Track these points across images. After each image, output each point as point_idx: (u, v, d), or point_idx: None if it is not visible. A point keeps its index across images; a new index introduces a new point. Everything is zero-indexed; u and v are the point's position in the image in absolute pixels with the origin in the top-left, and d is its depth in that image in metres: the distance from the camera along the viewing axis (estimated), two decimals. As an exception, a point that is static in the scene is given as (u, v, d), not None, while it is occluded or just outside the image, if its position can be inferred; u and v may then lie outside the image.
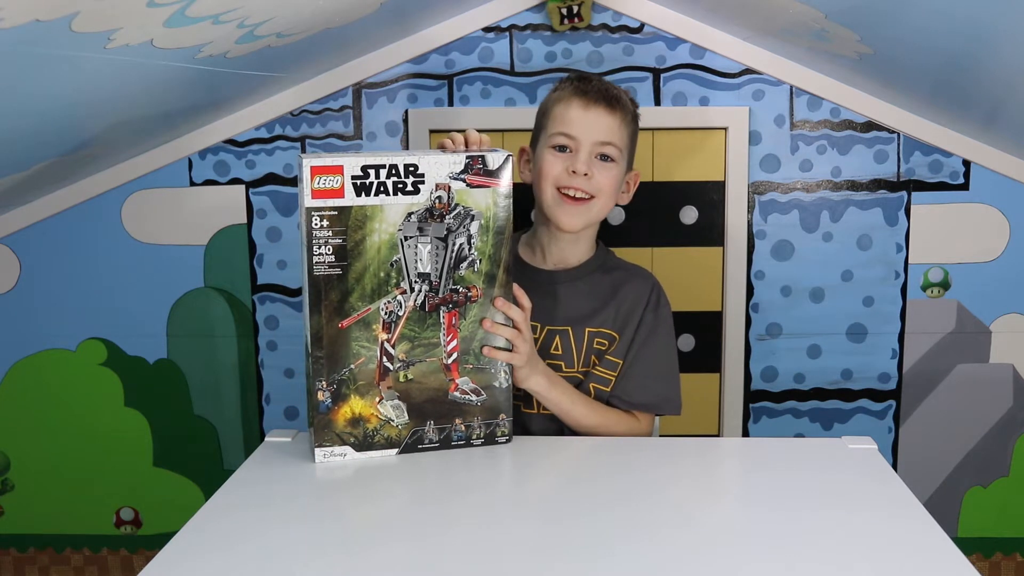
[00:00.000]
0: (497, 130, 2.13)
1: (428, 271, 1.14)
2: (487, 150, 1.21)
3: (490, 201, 1.17)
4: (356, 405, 1.14)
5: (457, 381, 1.18)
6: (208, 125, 2.15)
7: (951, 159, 2.11)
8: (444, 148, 1.29)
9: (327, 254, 1.09)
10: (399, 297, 1.13)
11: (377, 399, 1.14)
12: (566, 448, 1.24)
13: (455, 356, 1.17)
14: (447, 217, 1.14)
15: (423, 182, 1.12)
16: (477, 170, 1.15)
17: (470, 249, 1.16)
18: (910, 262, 2.15)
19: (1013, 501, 2.23)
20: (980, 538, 2.25)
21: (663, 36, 2.08)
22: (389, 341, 1.14)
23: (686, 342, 2.21)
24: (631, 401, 1.39)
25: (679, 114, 2.11)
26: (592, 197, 1.38)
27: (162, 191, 2.19)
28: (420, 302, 1.15)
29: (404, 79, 2.13)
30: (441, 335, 1.17)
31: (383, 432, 1.15)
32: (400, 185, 1.10)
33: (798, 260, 2.16)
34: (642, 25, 2.08)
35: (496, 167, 1.16)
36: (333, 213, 1.09)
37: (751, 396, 2.22)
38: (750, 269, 2.17)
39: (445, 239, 1.14)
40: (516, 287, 1.22)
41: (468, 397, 1.19)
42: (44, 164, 1.88)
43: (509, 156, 1.18)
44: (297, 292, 2.22)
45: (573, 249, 1.48)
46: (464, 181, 1.14)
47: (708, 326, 2.20)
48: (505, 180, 1.18)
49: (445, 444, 1.18)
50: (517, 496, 1.07)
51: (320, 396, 1.12)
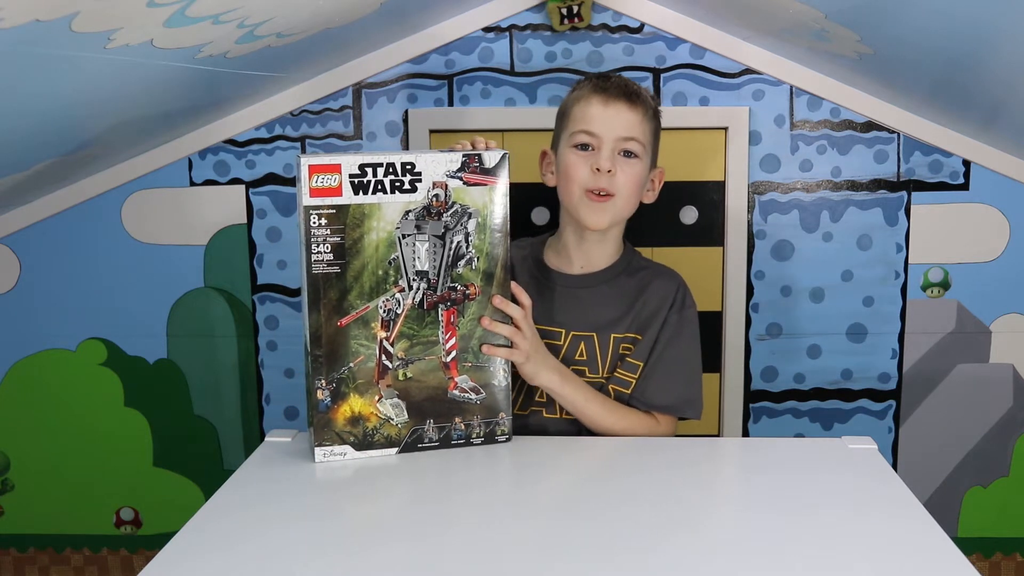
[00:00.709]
0: (497, 130, 2.14)
1: (426, 269, 1.14)
2: (483, 149, 1.21)
3: (487, 199, 1.17)
4: (355, 404, 1.14)
5: (456, 379, 1.18)
6: (208, 125, 2.15)
7: (951, 159, 2.11)
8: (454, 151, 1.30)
9: (325, 252, 1.10)
10: (397, 295, 1.14)
11: (376, 398, 1.15)
12: (566, 448, 1.24)
13: (454, 354, 1.17)
14: (444, 215, 1.14)
15: (420, 180, 1.12)
16: (474, 168, 1.16)
17: (468, 247, 1.16)
18: (910, 262, 2.15)
19: (1013, 501, 2.23)
20: (980, 538, 2.25)
21: (663, 36, 2.08)
22: (388, 339, 1.14)
23: (686, 342, 2.21)
24: (651, 403, 1.38)
25: (679, 114, 2.11)
26: (617, 195, 1.37)
27: (162, 191, 2.19)
28: (418, 300, 1.15)
29: (404, 79, 2.13)
30: (440, 333, 1.17)
31: (382, 431, 1.15)
32: (397, 183, 1.11)
33: (798, 260, 2.16)
34: (642, 25, 2.08)
35: (492, 165, 1.16)
36: (331, 211, 1.10)
37: (751, 396, 2.22)
38: (750, 269, 2.17)
39: (442, 237, 1.14)
40: (515, 285, 1.21)
41: (467, 395, 1.19)
42: (44, 164, 1.88)
43: (505, 154, 1.18)
44: (297, 292, 2.21)
45: (600, 250, 1.46)
46: (461, 179, 1.15)
47: (708, 326, 2.19)
48: (502, 178, 1.18)
49: (445, 443, 1.18)
50: (517, 496, 1.07)
51: (319, 395, 1.12)
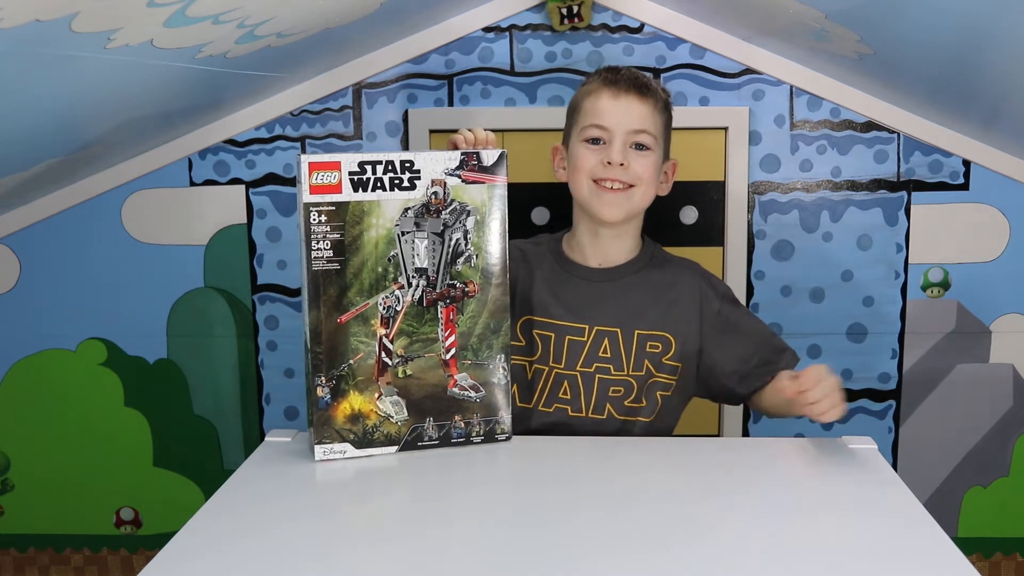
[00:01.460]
0: (497, 130, 2.12)
1: (425, 266, 1.15)
2: (483, 144, 1.22)
3: (485, 197, 1.18)
4: (355, 401, 1.14)
5: (456, 377, 1.19)
6: (208, 125, 2.15)
7: (951, 159, 2.11)
8: (456, 144, 1.30)
9: (325, 249, 1.10)
10: (397, 292, 1.14)
11: (376, 395, 1.15)
12: (566, 447, 1.24)
13: (453, 351, 1.18)
14: (443, 213, 1.15)
15: (419, 178, 1.13)
16: (472, 166, 1.16)
17: (466, 244, 1.17)
18: (910, 262, 2.15)
19: (1013, 501, 2.23)
20: (980, 538, 2.25)
21: (663, 36, 2.08)
22: (388, 336, 1.14)
23: (686, 342, 2.21)
24: (789, 362, 1.41)
25: (679, 114, 2.08)
26: (631, 186, 1.36)
27: (162, 191, 2.19)
28: (418, 297, 1.15)
29: (404, 79, 2.13)
30: (439, 330, 1.17)
31: (382, 428, 1.15)
32: (397, 181, 1.11)
33: (798, 260, 2.16)
34: (642, 25, 2.08)
35: (491, 163, 1.17)
36: (331, 208, 1.11)
37: (751, 396, 2.22)
38: (750, 269, 2.17)
39: (441, 234, 1.15)
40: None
41: (467, 393, 1.19)
42: (44, 164, 1.88)
43: (503, 153, 1.19)
44: (297, 292, 2.21)
45: (617, 246, 1.42)
46: (459, 177, 1.15)
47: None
48: (500, 176, 1.18)
49: (445, 441, 1.18)
50: (517, 496, 1.07)
51: (319, 392, 1.12)
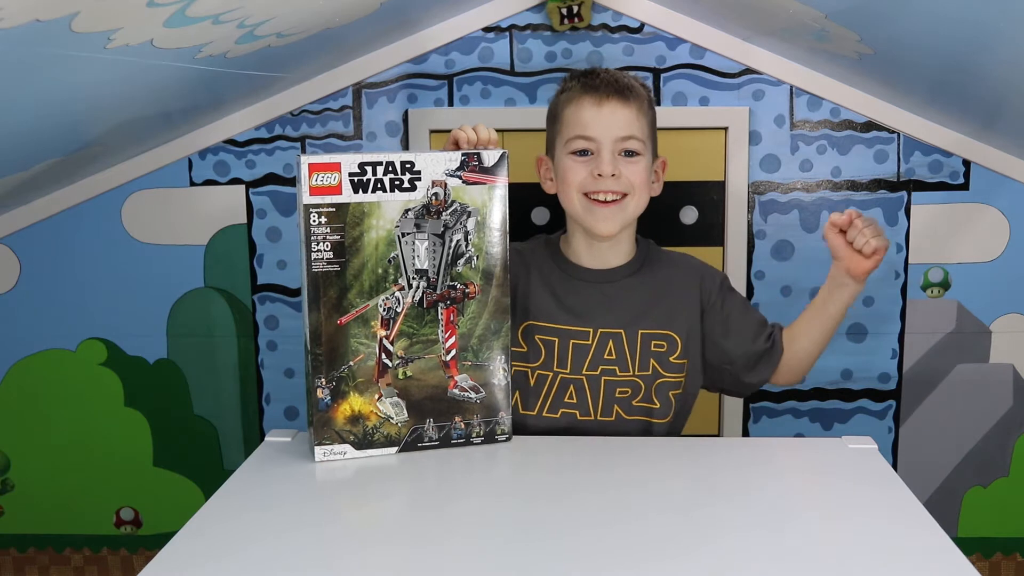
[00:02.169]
0: (497, 130, 2.12)
1: (426, 267, 1.14)
2: (484, 143, 1.22)
3: (486, 198, 1.17)
4: (355, 402, 1.14)
5: (456, 378, 1.18)
6: (208, 125, 2.15)
7: (951, 159, 2.11)
8: (456, 141, 1.29)
9: (325, 250, 1.10)
10: (397, 294, 1.14)
11: (376, 396, 1.15)
12: (566, 448, 1.24)
13: (453, 353, 1.17)
14: (444, 214, 1.14)
15: (420, 179, 1.12)
16: (473, 167, 1.16)
17: (467, 246, 1.16)
18: (910, 262, 2.15)
19: (1013, 501, 2.23)
20: (980, 538, 2.25)
21: (663, 36, 2.08)
22: (388, 338, 1.14)
23: (686, 342, 2.21)
24: (777, 331, 1.44)
25: (679, 114, 2.11)
26: (625, 195, 1.33)
27: (162, 191, 2.19)
28: (418, 298, 1.15)
29: (404, 79, 2.13)
30: (439, 332, 1.17)
31: (382, 430, 1.15)
32: (397, 182, 1.11)
33: (798, 260, 2.16)
34: (642, 25, 2.08)
35: (492, 164, 1.16)
36: (331, 210, 1.10)
37: (751, 396, 2.22)
38: (750, 269, 2.17)
39: (442, 235, 1.14)
40: None
41: (467, 394, 1.19)
42: (44, 164, 1.88)
43: (504, 154, 1.18)
44: (297, 292, 2.21)
45: (614, 252, 1.41)
46: (460, 178, 1.15)
47: (708, 326, 2.20)
48: (501, 177, 1.18)
49: (445, 442, 1.18)
50: (516, 497, 1.07)
51: (319, 393, 1.12)
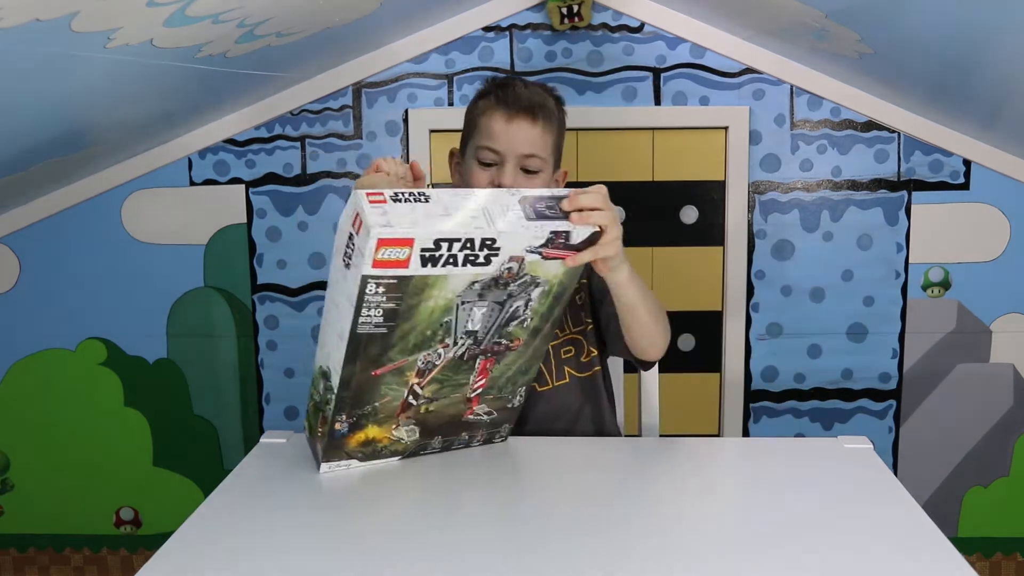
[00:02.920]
0: (497, 130, 2.14)
1: (477, 329, 1.06)
2: (578, 224, 1.05)
3: (560, 271, 1.05)
4: (372, 431, 1.10)
5: (474, 408, 1.15)
6: (208, 125, 2.15)
7: (951, 159, 2.11)
8: (378, 169, 1.20)
9: (376, 316, 0.97)
10: (440, 350, 1.05)
11: (393, 427, 1.11)
12: (565, 448, 1.24)
13: (479, 391, 1.13)
14: (511, 284, 1.03)
15: (497, 255, 0.98)
16: (558, 244, 1.03)
17: (525, 310, 1.08)
18: (910, 262, 2.15)
19: (1013, 501, 2.23)
20: (980, 538, 2.25)
21: (663, 35, 2.08)
22: (419, 384, 1.08)
23: (686, 342, 2.21)
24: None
25: (679, 114, 2.11)
26: None
27: (162, 191, 2.19)
28: (460, 354, 1.07)
29: (404, 79, 2.13)
30: (472, 376, 1.12)
31: (391, 447, 1.13)
32: (472, 257, 0.97)
33: (798, 260, 2.16)
34: (642, 24, 2.08)
35: (579, 241, 1.04)
36: (392, 282, 0.95)
37: (751, 396, 2.22)
38: (750, 269, 2.17)
39: (503, 303, 1.05)
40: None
41: (480, 418, 1.17)
42: (44, 164, 1.88)
43: (595, 232, 1.05)
44: (297, 292, 2.22)
45: None
46: (540, 254, 1.02)
47: (708, 326, 2.20)
48: (584, 254, 1.05)
49: (446, 448, 1.18)
50: (516, 497, 1.07)
51: (338, 425, 1.07)
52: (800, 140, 2.12)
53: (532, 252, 1.01)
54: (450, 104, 2.13)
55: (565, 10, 2.04)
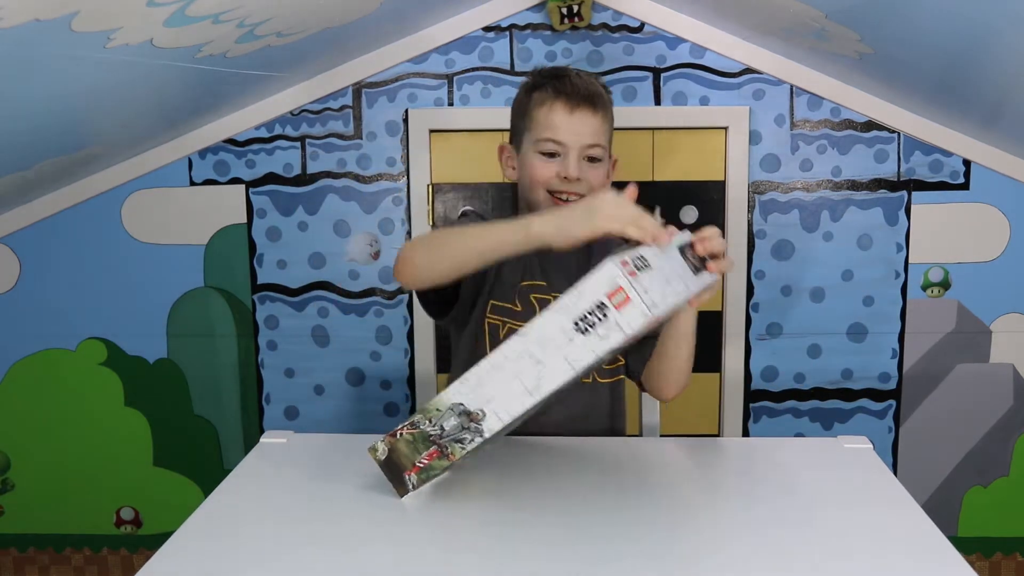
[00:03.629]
0: (497, 130, 2.14)
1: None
2: (714, 271, 1.03)
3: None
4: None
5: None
6: (208, 125, 2.15)
7: (951, 159, 2.11)
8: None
9: (580, 375, 0.98)
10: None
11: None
12: (565, 447, 1.24)
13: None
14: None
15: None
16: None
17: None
18: (910, 262, 2.15)
19: (1013, 501, 2.23)
20: (980, 538, 2.25)
21: (663, 35, 2.08)
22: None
23: (686, 342, 2.21)
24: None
25: (679, 114, 2.11)
26: (583, 196, 1.37)
27: (162, 191, 2.19)
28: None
29: (404, 79, 2.13)
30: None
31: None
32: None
33: (798, 260, 2.16)
34: (642, 24, 2.08)
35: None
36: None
37: (751, 396, 2.22)
38: (750, 269, 2.17)
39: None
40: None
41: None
42: (44, 164, 1.88)
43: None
44: (297, 292, 2.22)
45: None
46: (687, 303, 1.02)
47: (708, 326, 2.20)
48: (704, 296, 1.05)
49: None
50: (515, 496, 1.07)
51: (449, 460, 1.05)
52: (800, 140, 2.12)
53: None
54: (450, 104, 2.13)
55: (565, 10, 2.04)
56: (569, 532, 0.95)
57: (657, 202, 2.16)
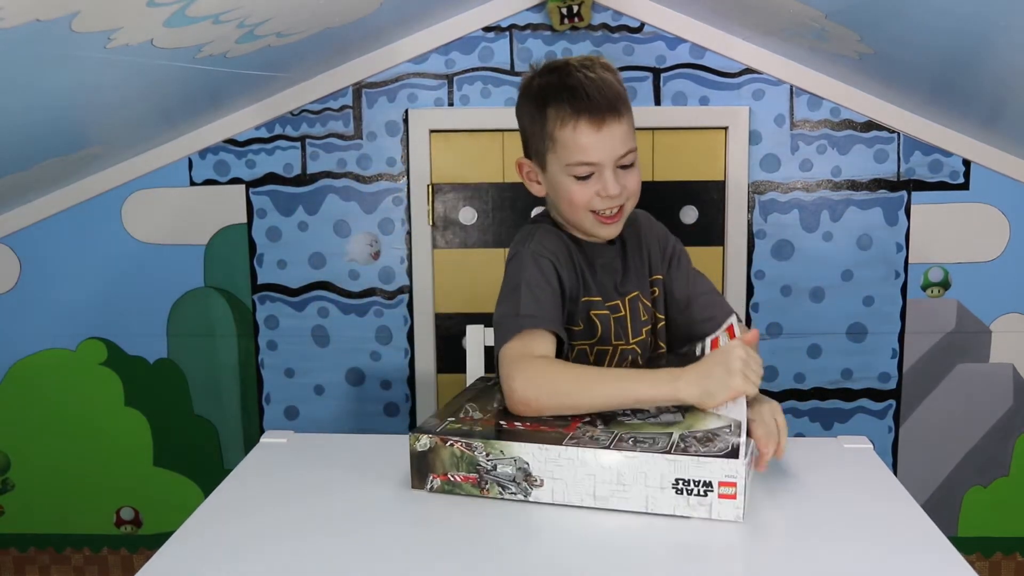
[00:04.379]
0: (497, 130, 2.14)
1: None
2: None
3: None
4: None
5: None
6: (208, 125, 2.15)
7: (951, 159, 2.11)
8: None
9: None
10: None
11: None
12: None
13: None
14: None
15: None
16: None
17: None
18: (910, 262, 2.15)
19: (1013, 501, 2.23)
20: (980, 538, 2.25)
21: (663, 36, 2.08)
22: None
23: (686, 342, 2.21)
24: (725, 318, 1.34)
25: (679, 114, 2.11)
26: (620, 208, 1.34)
27: (162, 191, 2.19)
28: None
29: (404, 79, 2.13)
30: None
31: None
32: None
33: (798, 260, 2.16)
34: (642, 25, 2.08)
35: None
36: None
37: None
38: (750, 269, 2.17)
39: None
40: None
41: None
42: (45, 163, 1.88)
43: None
44: (297, 292, 2.22)
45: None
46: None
47: (708, 326, 2.20)
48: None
49: None
50: (514, 504, 1.07)
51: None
52: (800, 140, 2.12)
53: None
54: (450, 104, 2.13)
55: (565, 10, 2.04)
56: (569, 526, 0.95)
57: (657, 202, 2.16)
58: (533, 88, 1.29)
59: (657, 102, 2.11)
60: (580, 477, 0.97)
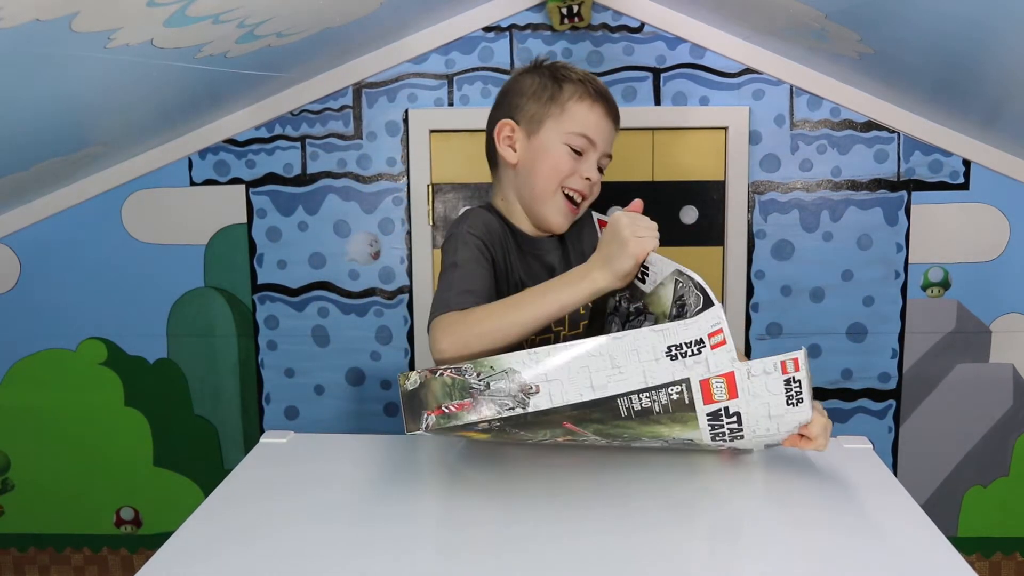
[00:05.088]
0: (497, 130, 2.14)
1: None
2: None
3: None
4: (477, 436, 1.05)
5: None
6: (208, 125, 2.15)
7: (951, 159, 2.11)
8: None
9: (647, 403, 1.01)
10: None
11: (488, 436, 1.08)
12: (566, 445, 1.24)
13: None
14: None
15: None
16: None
17: None
18: (910, 262, 2.15)
19: (1013, 501, 2.23)
20: (980, 538, 2.25)
21: (663, 36, 2.08)
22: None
23: (686, 342, 2.21)
24: None
25: (679, 114, 2.11)
26: (586, 200, 1.37)
27: (162, 191, 2.19)
28: None
29: (404, 79, 2.13)
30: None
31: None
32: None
33: (798, 260, 2.16)
34: (642, 25, 2.08)
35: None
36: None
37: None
38: (750, 269, 2.17)
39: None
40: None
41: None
42: (45, 164, 1.89)
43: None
44: (297, 292, 2.22)
45: None
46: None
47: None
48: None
49: None
50: (517, 496, 1.07)
51: (479, 416, 1.01)
52: (800, 140, 2.12)
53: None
54: (450, 104, 2.13)
55: (565, 10, 2.04)
56: (570, 531, 0.95)
57: (658, 202, 2.16)
58: (547, 67, 1.33)
59: (657, 102, 2.11)
60: (574, 372, 0.97)
